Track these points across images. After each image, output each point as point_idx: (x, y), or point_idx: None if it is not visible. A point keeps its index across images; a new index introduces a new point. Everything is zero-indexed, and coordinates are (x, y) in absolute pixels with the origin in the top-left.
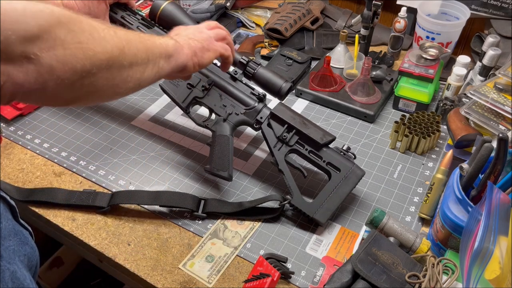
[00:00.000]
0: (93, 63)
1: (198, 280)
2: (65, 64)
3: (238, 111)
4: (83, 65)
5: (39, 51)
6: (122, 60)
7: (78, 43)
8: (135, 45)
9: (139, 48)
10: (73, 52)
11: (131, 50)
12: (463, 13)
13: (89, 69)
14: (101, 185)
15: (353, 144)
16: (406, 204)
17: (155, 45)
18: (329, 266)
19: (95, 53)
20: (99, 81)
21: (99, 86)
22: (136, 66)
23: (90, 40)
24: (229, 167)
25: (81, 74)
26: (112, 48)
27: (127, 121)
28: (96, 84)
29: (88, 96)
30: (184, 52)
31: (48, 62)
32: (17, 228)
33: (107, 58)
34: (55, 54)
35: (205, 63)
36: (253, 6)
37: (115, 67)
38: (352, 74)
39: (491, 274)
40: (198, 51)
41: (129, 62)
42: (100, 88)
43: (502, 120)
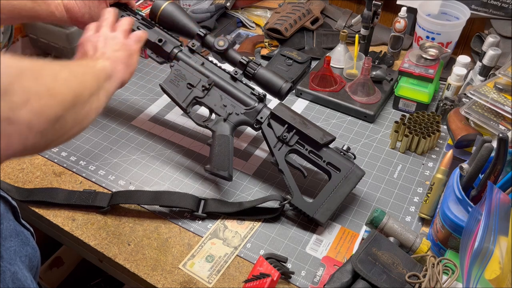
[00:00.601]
0: (63, 107)
1: (198, 280)
2: (41, 115)
3: (238, 111)
4: (56, 112)
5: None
6: (83, 94)
7: (47, 89)
8: (87, 77)
9: (90, 78)
10: (46, 102)
11: (87, 82)
12: (463, 13)
13: (60, 114)
14: (101, 185)
15: (353, 144)
16: (406, 204)
17: (97, 71)
18: (329, 266)
19: (63, 96)
20: (67, 122)
21: (68, 127)
22: (93, 96)
23: (56, 83)
24: (229, 167)
25: (54, 121)
26: (74, 86)
27: (127, 121)
28: (65, 126)
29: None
30: (118, 68)
31: (26, 118)
32: (18, 228)
33: (72, 98)
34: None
35: (136, 67)
36: (253, 6)
37: (79, 104)
38: (352, 74)
39: (491, 274)
40: (126, 60)
41: (88, 95)
42: (69, 129)
43: (502, 120)
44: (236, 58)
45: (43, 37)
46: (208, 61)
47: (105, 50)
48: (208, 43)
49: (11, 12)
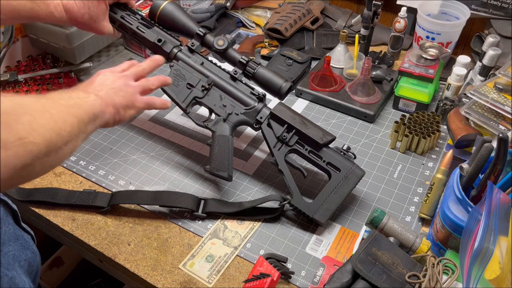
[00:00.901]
0: (33, 156)
1: (198, 280)
2: (5, 165)
3: (238, 111)
4: (24, 161)
5: None
6: (60, 143)
7: (19, 139)
8: (69, 122)
9: (72, 123)
10: (14, 151)
11: (66, 129)
12: (463, 13)
13: (29, 163)
14: (101, 185)
15: (353, 144)
16: (406, 204)
17: (84, 112)
18: (329, 266)
19: (35, 144)
20: (35, 169)
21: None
22: (71, 142)
23: (30, 132)
24: (229, 167)
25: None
26: (51, 135)
27: (127, 121)
28: (32, 173)
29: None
30: (108, 110)
31: None
32: (18, 232)
33: (46, 146)
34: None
35: (125, 120)
36: (253, 6)
37: (53, 151)
38: (352, 74)
39: (491, 274)
40: (121, 109)
41: (65, 142)
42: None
43: (502, 120)
44: (235, 58)
45: (43, 37)
46: (208, 61)
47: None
48: (207, 42)
49: (10, 12)
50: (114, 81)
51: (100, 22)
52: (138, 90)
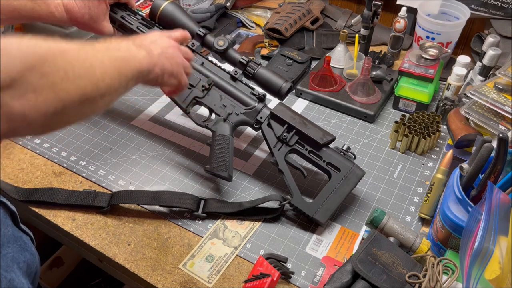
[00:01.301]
0: (65, 104)
1: (198, 280)
2: (37, 110)
3: (238, 111)
4: (55, 108)
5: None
6: (95, 94)
7: (50, 86)
8: (110, 74)
9: (113, 76)
10: (45, 98)
11: (105, 81)
12: (463, 13)
13: (60, 110)
14: (101, 185)
15: (353, 144)
16: (406, 204)
17: (128, 68)
18: (329, 266)
19: (67, 93)
20: (69, 117)
21: (69, 120)
22: (108, 96)
23: (64, 80)
24: (229, 167)
25: (51, 116)
26: (86, 85)
27: (127, 121)
28: (66, 120)
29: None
30: (155, 71)
31: (19, 110)
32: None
33: (79, 96)
34: (27, 101)
35: (165, 85)
36: (253, 6)
37: (87, 103)
38: (352, 74)
39: (491, 274)
40: (167, 74)
41: (101, 95)
42: (69, 122)
43: (502, 120)
44: (236, 58)
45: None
46: (208, 61)
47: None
48: (208, 43)
49: (11, 12)
50: (169, 47)
51: (101, 22)
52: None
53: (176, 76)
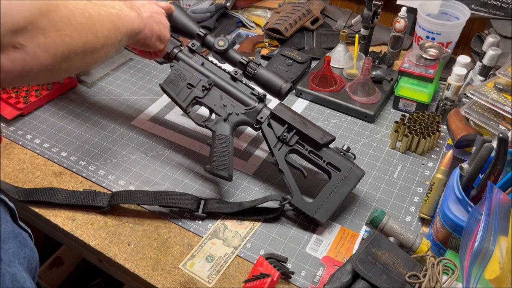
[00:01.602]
0: (70, 49)
1: (198, 280)
2: (47, 51)
3: (238, 111)
4: (63, 51)
5: (23, 40)
6: (96, 43)
7: (57, 31)
8: (107, 26)
9: (110, 28)
10: (53, 40)
11: (103, 32)
12: (463, 13)
13: (67, 55)
14: (101, 185)
15: (353, 144)
16: (406, 204)
17: (122, 23)
18: (329, 266)
19: (72, 39)
20: (74, 64)
21: (74, 68)
22: (106, 46)
23: (68, 27)
24: (229, 167)
25: (61, 59)
26: (87, 34)
27: (127, 121)
28: (71, 67)
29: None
30: (144, 32)
31: (32, 50)
32: (17, 230)
33: (83, 44)
34: (38, 42)
35: (152, 49)
36: (253, 6)
37: (89, 51)
38: (352, 74)
39: (491, 274)
40: (155, 36)
41: (101, 44)
42: (74, 69)
43: (502, 120)
44: (236, 58)
45: None
46: (208, 61)
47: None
48: (208, 43)
49: None
50: (157, 12)
51: None
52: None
53: (163, 40)
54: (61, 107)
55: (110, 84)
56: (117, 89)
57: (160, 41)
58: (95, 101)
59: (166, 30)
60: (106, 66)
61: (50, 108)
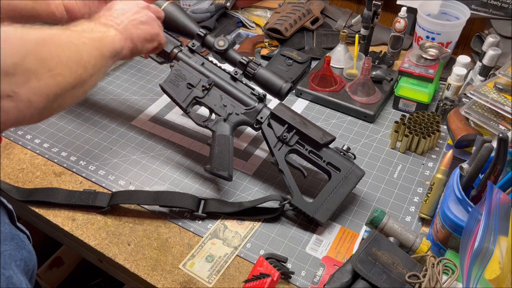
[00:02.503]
0: (62, 88)
1: (198, 280)
2: (40, 95)
3: (238, 111)
4: (55, 92)
5: (16, 87)
6: (85, 76)
7: (48, 71)
8: (93, 55)
9: (96, 56)
10: (45, 82)
11: (91, 62)
12: (463, 13)
13: (59, 94)
14: (101, 185)
15: (353, 144)
16: (406, 204)
17: (105, 46)
18: (329, 266)
19: (63, 77)
20: (66, 101)
21: (65, 105)
22: (94, 76)
23: (58, 64)
24: (229, 167)
25: (52, 100)
26: (77, 68)
27: (127, 121)
28: (62, 104)
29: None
30: (126, 46)
31: (25, 96)
32: (14, 232)
33: (73, 79)
34: (31, 87)
35: (142, 53)
36: (253, 6)
37: (79, 84)
38: (352, 74)
39: (491, 274)
40: (139, 43)
41: (90, 75)
42: (66, 106)
43: (502, 120)
44: (236, 58)
45: None
46: (208, 61)
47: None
48: (208, 43)
49: (11, 11)
50: (136, 12)
51: None
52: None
53: (151, 39)
54: None
55: (110, 84)
56: (117, 89)
57: (149, 41)
58: (95, 101)
59: (151, 27)
60: None
61: None
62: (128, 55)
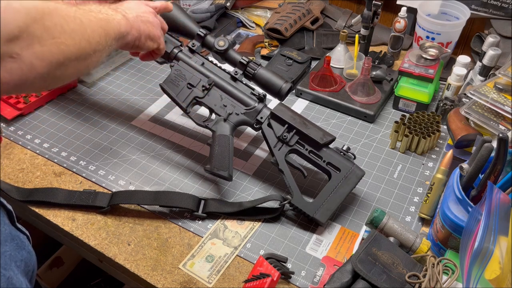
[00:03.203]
0: (65, 56)
1: (198, 280)
2: (43, 60)
3: (238, 111)
4: (58, 59)
5: (20, 50)
6: (88, 50)
7: (52, 38)
8: (98, 32)
9: (100, 34)
10: (48, 48)
11: (95, 38)
12: (463, 13)
13: (62, 62)
14: (101, 185)
15: (353, 144)
16: (406, 204)
17: (110, 27)
18: (329, 266)
19: (67, 46)
20: (68, 70)
21: (68, 75)
22: (98, 52)
23: (62, 34)
24: (229, 166)
25: (55, 67)
26: (81, 40)
27: (127, 121)
28: (65, 74)
29: (56, 83)
30: (132, 33)
31: (28, 59)
32: (14, 233)
33: (76, 50)
34: (34, 51)
35: (143, 49)
36: (253, 6)
37: (82, 57)
38: (352, 74)
39: (491, 274)
40: (143, 36)
41: (93, 50)
42: (68, 76)
43: (502, 120)
44: (236, 59)
45: None
46: (208, 61)
47: (135, 11)
48: (208, 43)
49: None
50: (145, 12)
51: None
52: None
53: (154, 38)
54: (61, 107)
55: (110, 84)
56: (117, 89)
57: (151, 40)
58: (95, 101)
59: (156, 28)
60: (106, 66)
61: (50, 108)
62: (131, 44)
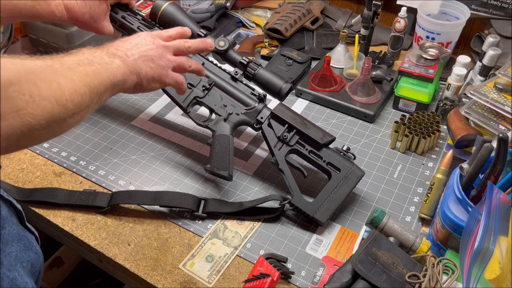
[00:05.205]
0: (31, 127)
1: (198, 280)
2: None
3: (238, 111)
4: (21, 132)
5: None
6: (64, 115)
7: (16, 111)
8: (80, 92)
9: (84, 93)
10: (9, 122)
11: (75, 100)
12: (463, 13)
13: (26, 133)
14: (101, 185)
15: (353, 144)
16: (406, 204)
17: (100, 81)
18: (329, 266)
19: (33, 117)
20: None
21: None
22: (78, 114)
23: (29, 104)
24: (229, 166)
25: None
26: (53, 107)
27: (127, 121)
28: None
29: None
30: (131, 79)
31: None
32: (22, 233)
33: (47, 119)
34: None
35: (146, 92)
36: (253, 6)
37: (55, 123)
38: (352, 74)
39: (491, 274)
40: (145, 80)
41: (71, 114)
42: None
43: (502, 120)
44: (236, 59)
45: (43, 37)
46: (208, 61)
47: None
48: None
49: (11, 11)
50: (151, 49)
51: (101, 22)
52: (173, 65)
53: (159, 80)
54: None
55: None
56: None
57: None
58: None
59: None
60: None
61: None
62: (131, 89)
